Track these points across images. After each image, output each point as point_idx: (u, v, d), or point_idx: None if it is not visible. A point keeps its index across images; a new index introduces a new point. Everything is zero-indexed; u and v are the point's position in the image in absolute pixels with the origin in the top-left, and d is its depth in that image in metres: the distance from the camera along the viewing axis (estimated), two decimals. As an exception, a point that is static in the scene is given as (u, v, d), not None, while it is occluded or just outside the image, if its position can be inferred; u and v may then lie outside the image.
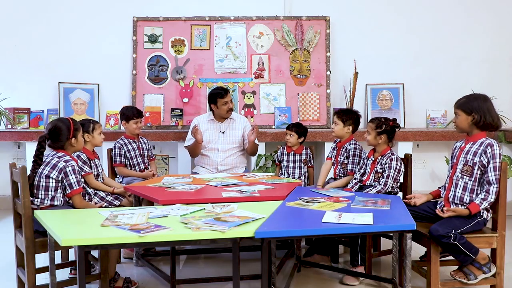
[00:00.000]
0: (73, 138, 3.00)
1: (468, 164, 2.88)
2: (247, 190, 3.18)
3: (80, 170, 3.32)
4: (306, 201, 2.88)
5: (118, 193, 3.48)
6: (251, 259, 3.56)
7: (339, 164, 3.74)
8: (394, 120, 3.41)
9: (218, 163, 4.25)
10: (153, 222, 2.39)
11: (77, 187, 2.91)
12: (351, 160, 3.66)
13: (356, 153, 3.66)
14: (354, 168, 3.63)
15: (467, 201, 2.88)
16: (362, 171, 3.48)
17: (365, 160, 3.52)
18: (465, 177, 2.89)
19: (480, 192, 2.85)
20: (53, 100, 5.19)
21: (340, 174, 3.73)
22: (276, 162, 4.17)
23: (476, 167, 2.85)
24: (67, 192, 2.90)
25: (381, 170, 3.35)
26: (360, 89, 5.25)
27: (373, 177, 3.38)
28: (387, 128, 3.36)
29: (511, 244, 3.58)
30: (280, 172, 4.09)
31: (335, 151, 3.81)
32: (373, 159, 3.43)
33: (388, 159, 3.32)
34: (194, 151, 4.28)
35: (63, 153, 2.96)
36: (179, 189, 3.21)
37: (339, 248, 3.71)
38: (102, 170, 3.65)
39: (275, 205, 2.78)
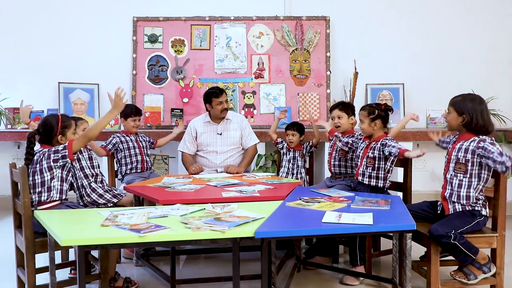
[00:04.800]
0: (60, 136, 2.98)
1: (460, 162, 2.87)
2: (247, 190, 3.17)
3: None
4: (306, 201, 2.88)
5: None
6: (251, 259, 3.57)
7: (334, 151, 3.73)
8: (386, 104, 3.38)
9: (217, 165, 4.24)
10: (153, 222, 2.39)
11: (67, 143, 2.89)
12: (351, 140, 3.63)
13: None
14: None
15: (464, 196, 2.86)
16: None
17: (359, 143, 3.48)
18: (459, 174, 2.88)
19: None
20: (53, 100, 5.19)
21: (336, 163, 3.73)
22: (278, 147, 4.15)
23: (470, 164, 2.83)
24: (66, 150, 2.86)
25: (372, 155, 3.30)
26: (360, 89, 5.25)
27: (365, 163, 3.34)
28: (380, 113, 3.30)
29: (511, 244, 3.58)
30: (281, 165, 4.08)
31: (332, 142, 3.81)
32: (367, 143, 3.38)
33: (385, 140, 3.26)
34: (185, 164, 4.32)
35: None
36: (179, 189, 3.21)
37: (339, 248, 3.71)
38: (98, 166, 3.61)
39: (275, 205, 2.78)
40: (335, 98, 5.28)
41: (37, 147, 3.00)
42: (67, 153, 2.87)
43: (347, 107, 3.71)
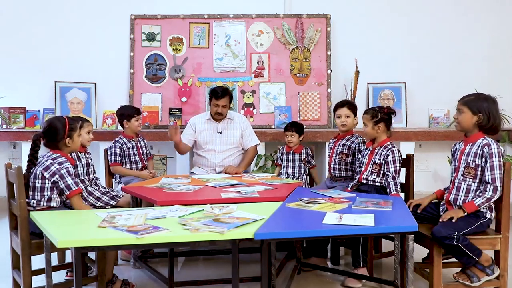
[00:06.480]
0: (68, 138, 2.93)
1: (470, 166, 2.83)
2: (247, 191, 3.15)
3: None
4: (306, 202, 2.85)
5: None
6: (251, 261, 3.53)
7: (334, 154, 3.69)
8: (388, 107, 3.38)
9: (216, 164, 4.19)
10: (151, 224, 2.36)
11: (75, 188, 2.83)
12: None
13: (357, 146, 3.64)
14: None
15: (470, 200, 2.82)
16: (359, 169, 3.43)
17: (363, 152, 3.47)
18: (468, 179, 2.85)
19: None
20: (49, 99, 5.16)
21: (336, 166, 3.68)
22: (276, 162, 4.12)
23: (480, 169, 2.81)
24: (66, 193, 2.83)
25: (379, 161, 3.29)
26: (362, 88, 5.22)
27: (371, 168, 3.32)
28: (383, 116, 3.30)
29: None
30: (280, 172, 4.04)
31: (331, 143, 3.77)
32: (371, 149, 3.37)
33: (389, 151, 3.26)
34: (178, 148, 4.22)
35: (58, 154, 2.89)
36: (178, 190, 3.18)
37: (340, 250, 3.67)
38: (94, 168, 3.57)
39: (275, 206, 2.75)
40: (336, 97, 5.24)
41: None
42: (66, 193, 2.81)
43: (354, 107, 3.69)
